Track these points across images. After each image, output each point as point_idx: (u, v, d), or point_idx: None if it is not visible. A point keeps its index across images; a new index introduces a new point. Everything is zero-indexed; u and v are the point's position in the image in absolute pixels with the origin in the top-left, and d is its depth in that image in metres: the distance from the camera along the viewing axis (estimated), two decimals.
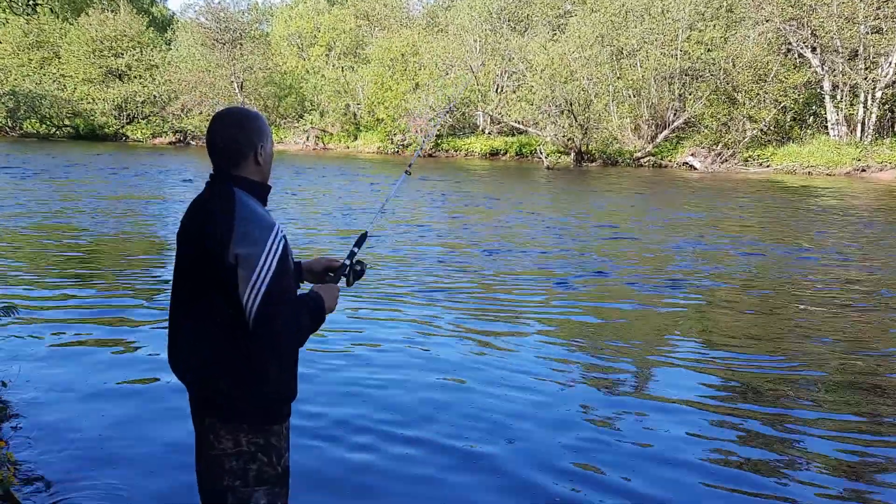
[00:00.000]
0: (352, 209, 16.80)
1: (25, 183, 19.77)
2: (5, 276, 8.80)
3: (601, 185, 26.15)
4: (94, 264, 10.05)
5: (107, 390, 5.09)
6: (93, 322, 6.96)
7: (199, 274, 2.19)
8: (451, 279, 9.57)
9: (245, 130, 2.27)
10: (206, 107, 46.84)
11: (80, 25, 49.87)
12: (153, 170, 26.01)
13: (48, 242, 11.36)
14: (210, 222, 2.16)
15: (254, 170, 2.31)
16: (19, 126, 47.67)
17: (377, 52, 44.69)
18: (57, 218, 13.80)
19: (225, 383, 2.16)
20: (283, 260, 2.14)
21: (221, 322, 2.14)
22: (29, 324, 6.53)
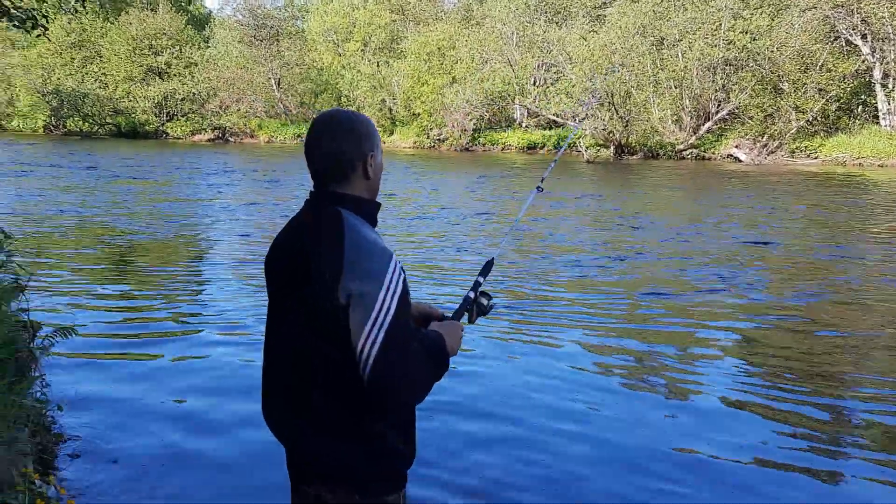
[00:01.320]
0: (432, 215, 15.45)
1: (94, 181, 19.96)
2: (58, 284, 8.77)
3: (660, 180, 25.55)
4: (145, 270, 10.01)
5: (165, 412, 4.88)
6: (149, 337, 6.84)
7: (300, 316, 1.86)
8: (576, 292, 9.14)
9: (353, 138, 1.93)
10: (243, 104, 47.13)
11: (120, 24, 50.48)
12: (209, 167, 26.16)
13: (100, 247, 11.37)
14: (313, 254, 1.84)
15: (363, 185, 1.97)
16: (63, 124, 48.48)
17: (413, 47, 44.46)
18: (111, 220, 13.84)
19: (332, 444, 1.83)
20: (404, 298, 1.81)
21: (329, 373, 1.82)
22: (87, 337, 6.40)
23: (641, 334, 7.03)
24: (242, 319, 7.02)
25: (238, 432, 4.50)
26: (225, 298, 7.86)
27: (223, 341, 6.41)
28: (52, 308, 7.13)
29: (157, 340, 6.43)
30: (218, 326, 6.81)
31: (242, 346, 6.23)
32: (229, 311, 7.37)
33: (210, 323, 6.95)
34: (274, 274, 1.98)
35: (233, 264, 9.82)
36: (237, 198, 17.49)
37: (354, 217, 1.90)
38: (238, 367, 5.72)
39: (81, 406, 4.71)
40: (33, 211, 14.20)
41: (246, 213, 14.90)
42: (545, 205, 16.37)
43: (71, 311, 7.10)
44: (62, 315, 6.91)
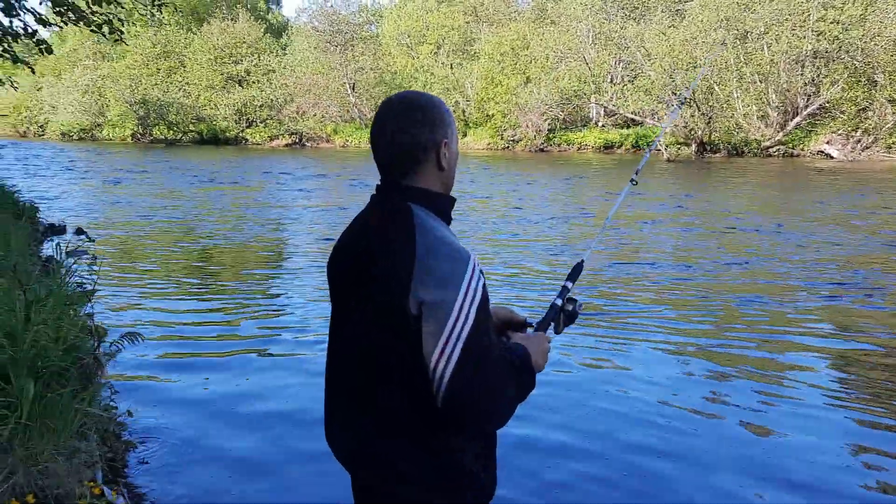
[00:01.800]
0: (514, 216, 14.89)
1: (188, 188, 20.51)
2: (134, 287, 8.82)
3: (752, 178, 24.43)
4: (224, 275, 10.00)
5: (235, 419, 4.69)
6: (222, 341, 6.73)
7: (365, 314, 1.65)
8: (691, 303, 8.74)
9: (425, 123, 1.69)
10: (319, 108, 47.88)
11: (202, 34, 52.15)
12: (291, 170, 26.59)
13: (179, 251, 11.49)
14: (381, 255, 1.62)
15: (435, 177, 1.73)
16: (149, 133, 50.39)
17: (486, 48, 44.18)
18: (195, 225, 14.05)
19: (402, 472, 1.62)
20: (484, 307, 1.56)
21: (398, 391, 1.61)
22: (157, 341, 6.32)
23: (759, 344, 6.48)
24: (321, 329, 6.78)
25: (315, 451, 4.26)
26: (302, 306, 7.69)
27: (299, 350, 6.21)
28: (125, 309, 7.12)
29: (231, 345, 6.29)
30: (294, 336, 6.61)
31: (320, 359, 6.00)
32: (307, 318, 7.19)
33: (287, 331, 6.76)
34: (337, 276, 1.78)
35: (313, 270, 9.70)
36: (325, 201, 17.56)
37: (426, 213, 1.67)
38: (314, 378, 5.49)
39: (152, 412, 4.56)
40: (119, 216, 14.56)
41: (332, 217, 14.89)
42: (637, 205, 15.77)
43: (144, 315, 7.07)
44: (134, 317, 6.89)
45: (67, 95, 53.72)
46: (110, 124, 53.35)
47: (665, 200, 17.50)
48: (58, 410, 2.76)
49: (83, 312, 4.44)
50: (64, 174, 23.87)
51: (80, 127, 53.54)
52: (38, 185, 19.70)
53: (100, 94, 53.14)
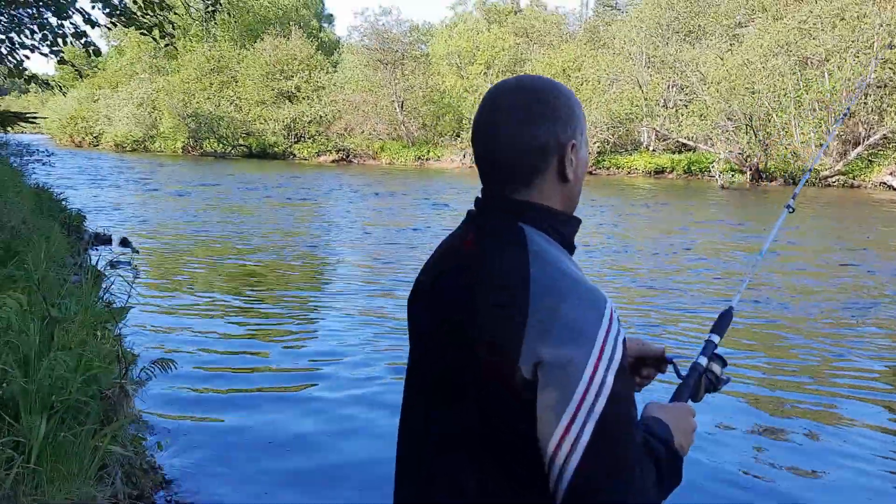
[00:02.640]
0: (615, 248, 13.24)
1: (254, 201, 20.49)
2: (173, 304, 8.53)
3: (821, 209, 23.38)
4: (264, 298, 9.67)
5: (274, 447, 4.28)
6: (258, 371, 6.33)
7: (455, 391, 1.20)
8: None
9: (548, 117, 1.22)
10: (367, 126, 47.99)
11: (255, 50, 52.91)
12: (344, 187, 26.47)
13: (223, 267, 11.22)
14: (482, 296, 1.18)
15: (557, 190, 1.27)
16: (199, 146, 51.15)
17: (538, 68, 43.80)
18: (240, 239, 13.84)
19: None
20: (624, 371, 1.11)
21: (495, 482, 1.16)
22: (193, 369, 5.92)
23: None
24: (369, 363, 6.23)
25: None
26: (347, 334, 7.23)
27: (345, 390, 5.69)
28: (160, 331, 6.79)
29: (271, 378, 5.87)
30: (336, 370, 6.09)
31: (364, 397, 5.47)
32: (352, 350, 6.72)
33: (329, 364, 6.28)
34: (419, 320, 1.35)
35: (360, 294, 9.29)
36: (378, 220, 17.26)
37: (544, 239, 1.22)
38: (357, 417, 5.03)
39: (184, 444, 4.16)
40: (167, 228, 14.44)
41: (383, 235, 14.54)
42: (724, 235, 15.04)
43: (180, 337, 6.73)
44: (169, 339, 6.54)
45: (123, 107, 54.98)
46: (162, 136, 54.34)
47: (741, 230, 16.75)
48: (73, 451, 2.36)
49: (114, 333, 4.07)
50: (114, 184, 24.10)
51: (133, 138, 54.67)
52: (88, 194, 19.84)
53: (154, 106, 54.24)
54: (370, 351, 6.38)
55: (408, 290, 1.36)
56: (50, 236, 6.99)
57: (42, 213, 9.21)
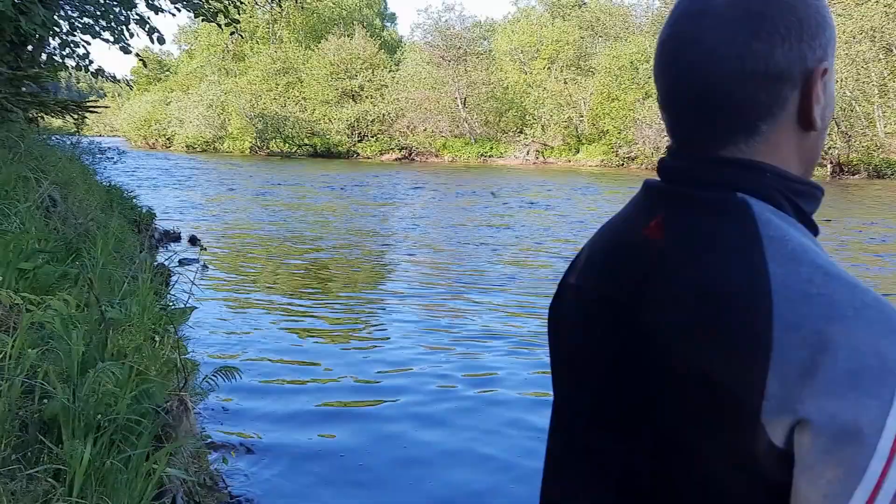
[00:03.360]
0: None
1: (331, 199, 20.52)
2: (239, 303, 8.30)
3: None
4: (332, 297, 9.39)
5: (345, 467, 3.90)
6: (327, 383, 6.00)
7: (643, 447, 0.80)
8: None
9: (786, 27, 0.77)
10: (429, 123, 47.79)
11: (319, 50, 53.37)
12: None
13: (294, 267, 11.02)
14: (680, 312, 0.76)
15: (794, 143, 0.81)
16: (266, 146, 51.91)
17: (604, 62, 42.73)
18: (314, 238, 13.68)
19: None
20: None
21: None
22: (257, 377, 5.63)
23: None
24: (444, 374, 5.79)
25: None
26: (418, 341, 6.84)
27: (416, 401, 5.23)
28: (224, 334, 6.54)
29: (338, 387, 5.52)
30: (413, 384, 5.63)
31: (439, 416, 5.00)
32: (422, 359, 6.34)
33: (401, 374, 5.88)
34: (578, 346, 0.91)
35: (434, 298, 8.92)
36: (437, 218, 16.93)
37: (780, 218, 0.78)
38: (431, 441, 4.59)
39: (251, 460, 3.83)
40: (236, 227, 14.40)
41: (446, 233, 14.18)
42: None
43: (245, 340, 6.46)
44: (233, 342, 6.29)
45: (193, 109, 56.30)
46: (231, 137, 55.39)
47: None
48: (122, 479, 2.04)
49: (174, 336, 3.78)
50: (185, 184, 24.45)
51: (203, 139, 55.92)
52: (159, 193, 20.10)
53: (222, 108, 55.35)
54: (442, 361, 5.98)
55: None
56: (116, 234, 6.85)
57: (112, 211, 9.16)
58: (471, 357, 5.92)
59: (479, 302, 7.79)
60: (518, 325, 6.85)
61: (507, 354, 5.97)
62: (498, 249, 11.61)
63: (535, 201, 20.01)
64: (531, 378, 5.39)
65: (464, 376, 5.46)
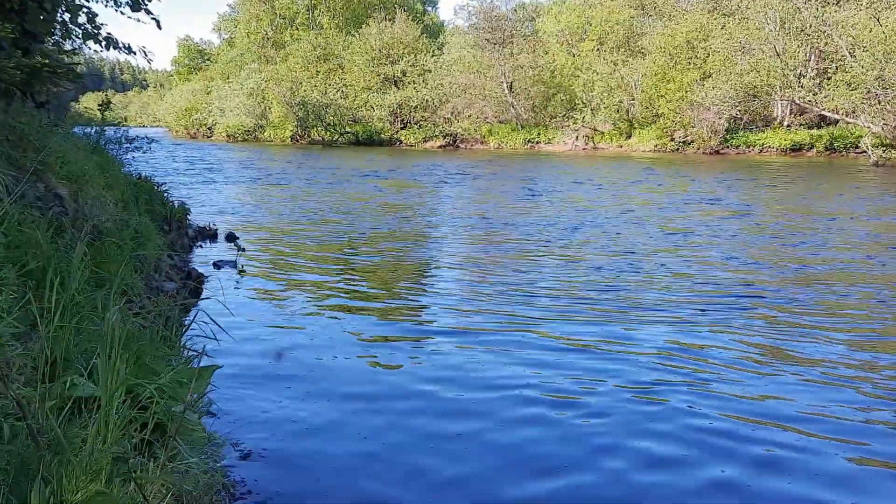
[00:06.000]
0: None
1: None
2: (278, 312, 7.09)
3: None
4: (375, 304, 8.12)
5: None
6: (373, 393, 4.75)
7: None
8: None
9: None
10: (474, 109, 46.26)
11: (360, 36, 52.21)
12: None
13: (336, 263, 9.79)
14: None
15: None
16: (307, 134, 51.04)
17: (658, 41, 40.64)
18: (359, 233, 12.48)
19: None
20: None
21: None
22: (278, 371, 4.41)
23: None
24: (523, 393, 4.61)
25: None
26: (472, 351, 5.60)
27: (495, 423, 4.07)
28: (261, 352, 5.36)
29: (361, 393, 4.29)
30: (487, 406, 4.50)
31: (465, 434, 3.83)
32: (482, 368, 5.09)
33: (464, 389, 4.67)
34: None
35: (484, 300, 7.60)
36: (479, 209, 15.59)
37: None
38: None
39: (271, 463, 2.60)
40: (277, 220, 13.29)
41: (490, 226, 12.83)
42: None
43: (283, 356, 5.26)
44: (255, 344, 5.09)
45: (234, 98, 55.74)
46: (272, 126, 54.73)
47: None
48: None
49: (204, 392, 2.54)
50: (224, 174, 23.51)
51: (244, 128, 55.38)
52: (195, 185, 19.13)
53: (263, 96, 54.66)
54: (511, 370, 4.73)
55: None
56: (134, 237, 5.71)
57: (138, 208, 8.04)
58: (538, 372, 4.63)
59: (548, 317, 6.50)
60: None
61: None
62: (550, 244, 10.26)
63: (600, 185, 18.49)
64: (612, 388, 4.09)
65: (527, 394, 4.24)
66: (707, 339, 5.81)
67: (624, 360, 5.29)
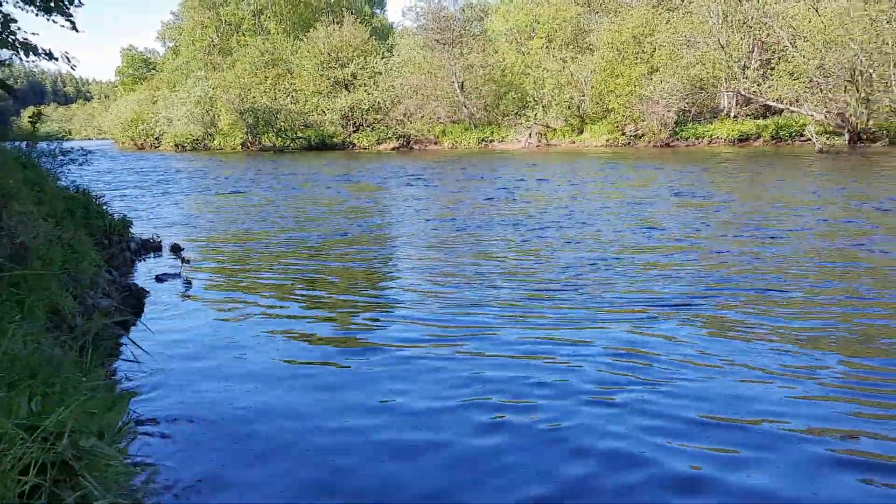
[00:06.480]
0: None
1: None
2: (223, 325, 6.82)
3: None
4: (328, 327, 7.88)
5: None
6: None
7: None
8: None
9: None
10: (427, 110, 46.12)
11: (309, 40, 51.63)
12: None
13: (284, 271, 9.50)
14: None
15: None
16: (258, 140, 50.25)
17: (606, 37, 41.05)
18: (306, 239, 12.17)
19: None
20: None
21: None
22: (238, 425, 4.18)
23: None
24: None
25: None
26: (431, 373, 5.41)
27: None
28: (201, 372, 5.09)
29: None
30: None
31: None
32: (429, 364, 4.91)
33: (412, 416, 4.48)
34: None
35: (440, 308, 7.42)
36: (438, 210, 15.41)
37: None
38: None
39: None
40: (224, 230, 12.91)
41: (443, 230, 12.66)
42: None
43: (226, 374, 5.01)
44: (208, 387, 4.83)
45: (181, 107, 54.61)
46: (221, 134, 53.77)
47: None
48: None
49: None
50: (169, 185, 22.91)
51: (192, 137, 54.28)
52: (138, 197, 18.58)
53: (211, 104, 53.66)
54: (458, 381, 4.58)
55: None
56: (66, 253, 5.39)
57: (73, 222, 7.66)
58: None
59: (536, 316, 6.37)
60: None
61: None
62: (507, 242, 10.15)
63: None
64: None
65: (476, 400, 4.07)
66: (664, 335, 5.71)
67: (581, 360, 5.15)
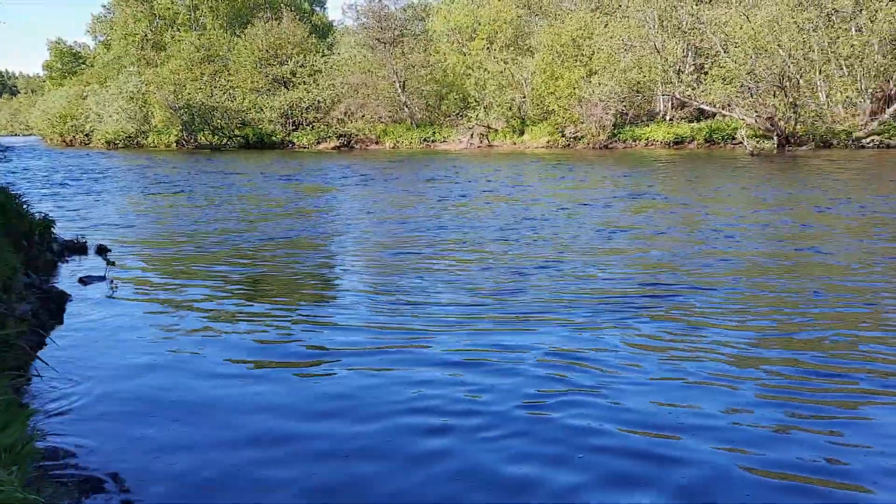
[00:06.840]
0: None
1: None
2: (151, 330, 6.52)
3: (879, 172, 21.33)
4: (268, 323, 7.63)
5: None
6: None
7: None
8: None
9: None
10: (368, 110, 45.73)
11: (246, 36, 50.59)
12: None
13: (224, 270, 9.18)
14: None
15: None
16: (194, 138, 48.95)
17: (546, 39, 41.42)
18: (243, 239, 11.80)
19: None
20: None
21: None
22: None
23: None
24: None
25: None
26: (373, 376, 5.25)
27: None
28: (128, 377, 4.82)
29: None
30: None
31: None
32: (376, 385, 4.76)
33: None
34: None
35: (377, 310, 7.26)
36: (383, 212, 15.20)
37: None
38: None
39: None
40: (154, 231, 12.45)
41: (387, 229, 12.48)
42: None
43: (155, 380, 4.76)
44: (138, 390, 4.57)
45: (112, 103, 52.74)
46: (155, 131, 52.19)
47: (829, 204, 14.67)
48: None
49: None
50: (98, 184, 22.04)
51: (125, 134, 52.50)
52: (63, 197, 17.80)
53: (144, 101, 52.00)
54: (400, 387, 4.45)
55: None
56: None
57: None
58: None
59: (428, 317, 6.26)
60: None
61: None
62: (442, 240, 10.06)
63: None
64: None
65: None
66: (604, 342, 5.64)
67: (518, 371, 4.98)
